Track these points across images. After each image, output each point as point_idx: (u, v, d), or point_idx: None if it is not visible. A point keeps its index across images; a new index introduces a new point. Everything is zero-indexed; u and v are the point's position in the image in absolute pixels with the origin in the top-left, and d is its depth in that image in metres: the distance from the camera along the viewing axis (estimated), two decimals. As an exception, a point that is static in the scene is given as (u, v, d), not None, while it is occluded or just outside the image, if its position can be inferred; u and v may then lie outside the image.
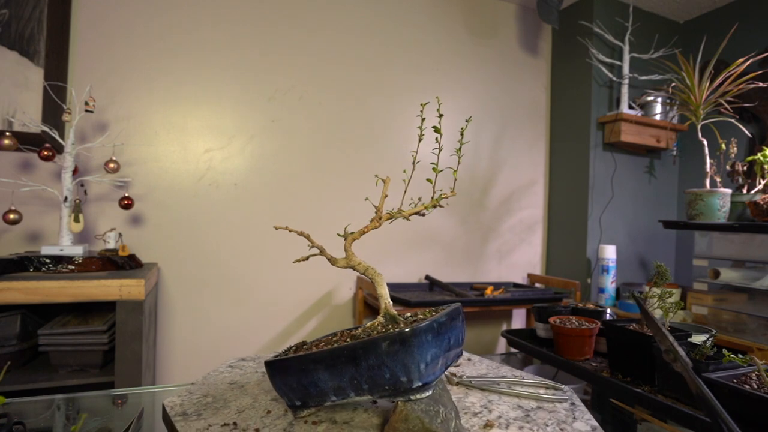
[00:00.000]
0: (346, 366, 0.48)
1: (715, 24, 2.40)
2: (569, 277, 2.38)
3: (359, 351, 0.47)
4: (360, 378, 0.48)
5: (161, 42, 1.80)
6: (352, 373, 0.48)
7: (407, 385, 0.47)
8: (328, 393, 0.50)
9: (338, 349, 0.48)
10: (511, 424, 0.56)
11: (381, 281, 0.58)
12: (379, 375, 0.47)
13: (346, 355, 0.47)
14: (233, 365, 0.73)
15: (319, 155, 2.06)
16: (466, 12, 2.39)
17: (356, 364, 0.47)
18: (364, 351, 0.47)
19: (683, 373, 0.65)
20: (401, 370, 0.47)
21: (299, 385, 0.51)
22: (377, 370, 0.47)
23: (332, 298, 2.10)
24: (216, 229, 1.89)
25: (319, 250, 0.59)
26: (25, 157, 1.61)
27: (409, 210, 0.59)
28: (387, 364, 0.47)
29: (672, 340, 0.70)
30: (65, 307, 1.53)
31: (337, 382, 0.49)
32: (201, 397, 0.59)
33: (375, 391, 0.49)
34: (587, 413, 0.60)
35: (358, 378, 0.48)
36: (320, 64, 2.06)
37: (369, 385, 0.48)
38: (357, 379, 0.48)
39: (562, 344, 1.19)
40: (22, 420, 0.70)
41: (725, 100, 1.67)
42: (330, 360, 0.48)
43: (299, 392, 0.51)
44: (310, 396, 0.51)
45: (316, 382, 0.50)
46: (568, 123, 2.48)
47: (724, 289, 1.68)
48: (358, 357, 0.47)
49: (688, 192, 1.67)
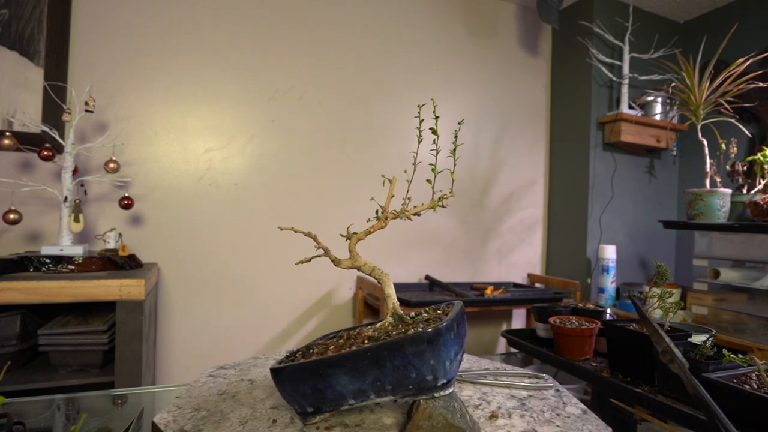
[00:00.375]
0: (370, 368, 0.47)
1: (715, 24, 2.40)
2: (569, 277, 2.38)
3: (384, 352, 0.47)
4: (384, 379, 0.48)
5: (161, 42, 1.80)
6: (375, 375, 0.48)
7: (433, 383, 0.48)
8: (346, 397, 0.49)
9: (360, 351, 0.48)
10: (513, 414, 0.58)
11: (388, 281, 0.58)
12: (404, 375, 0.47)
13: (370, 357, 0.47)
14: (214, 374, 0.70)
15: (319, 155, 2.06)
16: (466, 12, 2.39)
17: (380, 365, 0.47)
18: (389, 352, 0.47)
19: (680, 374, 0.65)
20: (428, 369, 0.47)
21: (314, 391, 0.49)
22: (403, 371, 0.47)
23: (332, 298, 2.10)
24: (216, 229, 1.89)
25: (324, 251, 0.59)
26: (25, 157, 1.61)
27: (413, 209, 0.59)
28: (413, 364, 0.47)
29: (668, 341, 0.70)
30: (65, 307, 1.53)
31: (359, 385, 0.48)
32: (193, 412, 0.56)
33: (398, 392, 0.48)
34: (573, 398, 0.64)
35: (381, 379, 0.48)
36: (320, 64, 2.06)
37: (393, 386, 0.48)
38: (380, 381, 0.48)
39: (562, 344, 1.19)
40: (22, 420, 0.70)
41: (725, 100, 1.67)
42: (352, 363, 0.48)
43: (313, 398, 0.50)
44: (325, 401, 0.50)
45: (334, 386, 0.49)
46: (568, 123, 2.48)
47: (724, 289, 1.68)
48: (383, 358, 0.47)
49: (688, 192, 1.67)
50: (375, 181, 2.13)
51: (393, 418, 0.53)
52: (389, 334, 0.54)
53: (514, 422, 0.55)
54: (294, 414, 0.54)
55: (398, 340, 0.47)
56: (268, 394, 0.61)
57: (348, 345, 0.54)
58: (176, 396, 0.61)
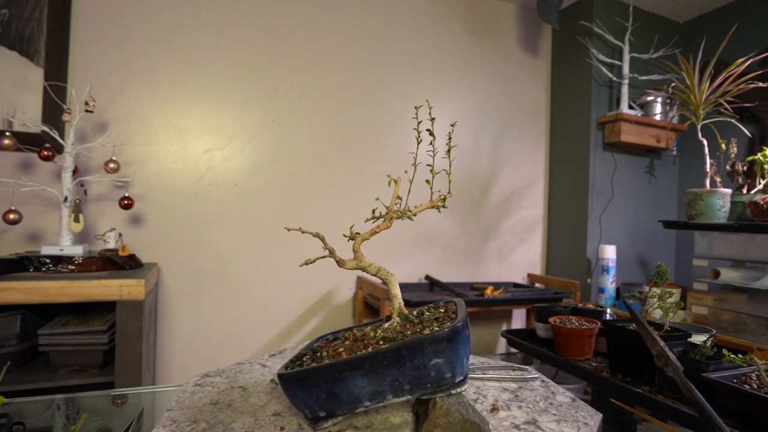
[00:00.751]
0: (389, 368, 0.47)
1: (715, 24, 2.40)
2: (569, 277, 2.38)
3: (404, 352, 0.47)
4: (402, 379, 0.48)
5: (161, 42, 1.80)
6: (394, 375, 0.48)
7: (451, 380, 0.49)
8: (362, 399, 0.49)
9: (380, 352, 0.48)
10: (511, 405, 0.60)
11: (394, 282, 0.59)
12: (424, 374, 0.48)
13: (390, 357, 0.47)
14: (200, 383, 0.66)
15: (319, 155, 2.06)
16: (466, 12, 2.39)
17: (400, 365, 0.47)
18: (410, 352, 0.47)
19: (674, 377, 0.65)
20: (447, 367, 0.48)
21: (329, 395, 0.49)
22: (423, 369, 0.47)
23: (332, 298, 2.10)
24: (216, 229, 1.89)
25: (330, 252, 0.59)
26: (25, 157, 1.61)
27: (415, 209, 0.59)
28: (434, 363, 0.47)
29: (662, 345, 0.70)
30: (65, 307, 1.53)
31: (376, 387, 0.48)
32: (191, 424, 0.53)
33: (416, 391, 0.49)
34: (560, 388, 0.67)
35: (400, 379, 0.48)
36: (320, 64, 2.06)
37: (411, 385, 0.48)
38: (399, 381, 0.48)
39: (562, 344, 1.19)
40: (22, 420, 0.70)
41: (725, 100, 1.66)
42: (370, 364, 0.47)
43: (327, 402, 0.49)
44: (340, 405, 0.49)
45: (351, 388, 0.48)
46: (568, 123, 2.48)
47: (724, 289, 1.68)
48: (403, 358, 0.47)
49: (688, 192, 1.67)
50: (375, 181, 2.13)
51: (400, 417, 0.53)
52: (404, 334, 0.54)
53: (515, 413, 0.57)
54: (302, 419, 0.53)
55: (418, 339, 0.47)
56: (266, 401, 0.59)
57: (359, 347, 0.54)
58: (167, 409, 0.57)
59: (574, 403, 0.61)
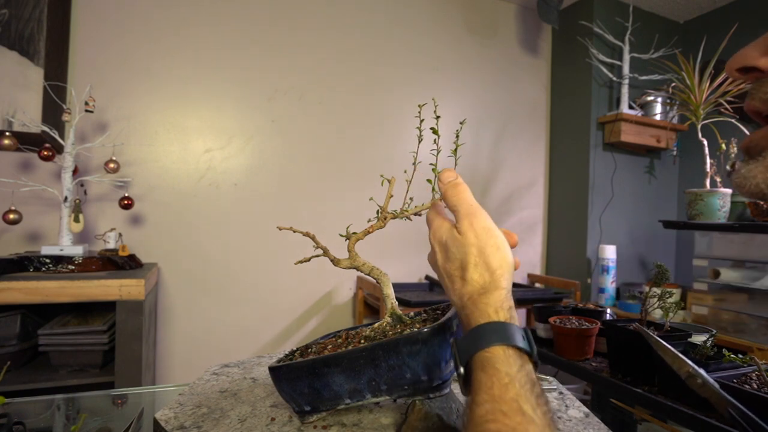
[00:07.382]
0: (365, 367, 0.47)
1: (715, 24, 2.40)
2: (569, 277, 2.38)
3: (379, 352, 0.46)
4: (379, 379, 0.47)
5: (161, 42, 1.80)
6: (370, 375, 0.47)
7: (427, 384, 0.47)
8: (342, 396, 0.49)
9: (356, 351, 0.47)
10: None
11: (387, 282, 0.58)
12: (399, 375, 0.47)
13: (365, 356, 0.47)
14: (218, 372, 0.70)
15: (318, 155, 2.06)
16: (466, 12, 2.39)
17: (375, 365, 0.47)
18: (384, 352, 0.46)
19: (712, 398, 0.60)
20: (422, 370, 0.47)
21: (311, 390, 0.49)
22: (397, 371, 0.47)
23: (332, 298, 2.10)
24: (216, 229, 1.89)
25: (323, 251, 0.59)
26: (25, 157, 1.61)
27: (412, 209, 0.59)
28: (408, 364, 0.46)
29: (692, 365, 0.65)
30: (65, 307, 1.52)
31: (354, 385, 0.48)
32: (194, 408, 0.56)
33: (394, 392, 0.48)
34: (576, 401, 0.63)
35: (377, 379, 0.47)
36: (320, 64, 2.06)
37: (388, 386, 0.48)
38: (375, 381, 0.48)
39: (562, 344, 1.19)
40: (22, 420, 0.70)
41: (725, 100, 1.66)
42: (347, 362, 0.47)
43: (310, 397, 0.50)
44: (322, 400, 0.50)
45: (331, 385, 0.48)
46: (568, 123, 2.48)
47: (724, 289, 1.68)
48: (378, 358, 0.47)
49: (688, 192, 1.67)
50: (375, 181, 2.12)
51: (391, 418, 0.53)
52: (386, 333, 0.53)
53: None
54: (292, 412, 0.54)
55: (393, 340, 0.47)
56: (269, 392, 0.61)
57: (345, 345, 0.54)
58: (179, 393, 0.61)
59: (586, 419, 0.59)
